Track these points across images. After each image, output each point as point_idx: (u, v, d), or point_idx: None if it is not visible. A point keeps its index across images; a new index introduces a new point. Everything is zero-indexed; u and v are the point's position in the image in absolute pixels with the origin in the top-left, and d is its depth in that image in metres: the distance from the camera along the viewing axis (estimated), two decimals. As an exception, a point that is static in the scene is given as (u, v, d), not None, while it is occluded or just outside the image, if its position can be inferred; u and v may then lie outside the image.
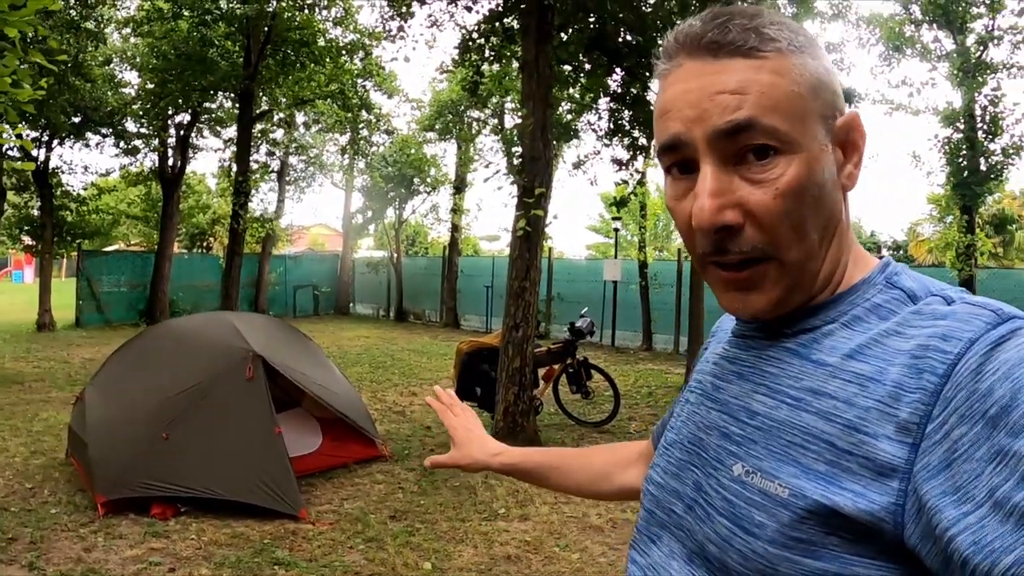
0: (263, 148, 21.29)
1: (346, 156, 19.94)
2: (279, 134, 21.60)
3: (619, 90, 11.75)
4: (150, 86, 15.19)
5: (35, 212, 18.36)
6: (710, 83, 0.76)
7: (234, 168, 17.07)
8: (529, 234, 7.40)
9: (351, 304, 25.38)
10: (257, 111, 14.86)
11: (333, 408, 6.59)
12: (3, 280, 41.98)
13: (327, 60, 14.29)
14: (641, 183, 13.55)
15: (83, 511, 5.63)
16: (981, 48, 13.22)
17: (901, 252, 32.43)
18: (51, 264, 18.01)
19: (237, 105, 15.69)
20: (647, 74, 11.18)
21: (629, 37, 9.95)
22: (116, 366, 6.60)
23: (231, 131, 20.14)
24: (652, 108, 0.82)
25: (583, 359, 8.83)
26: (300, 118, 21.01)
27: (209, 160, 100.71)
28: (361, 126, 17.24)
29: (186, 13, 13.51)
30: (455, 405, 1.46)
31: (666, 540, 0.88)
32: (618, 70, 10.85)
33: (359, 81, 15.91)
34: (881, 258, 0.84)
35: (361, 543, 5.07)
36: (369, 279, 24.63)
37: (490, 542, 5.14)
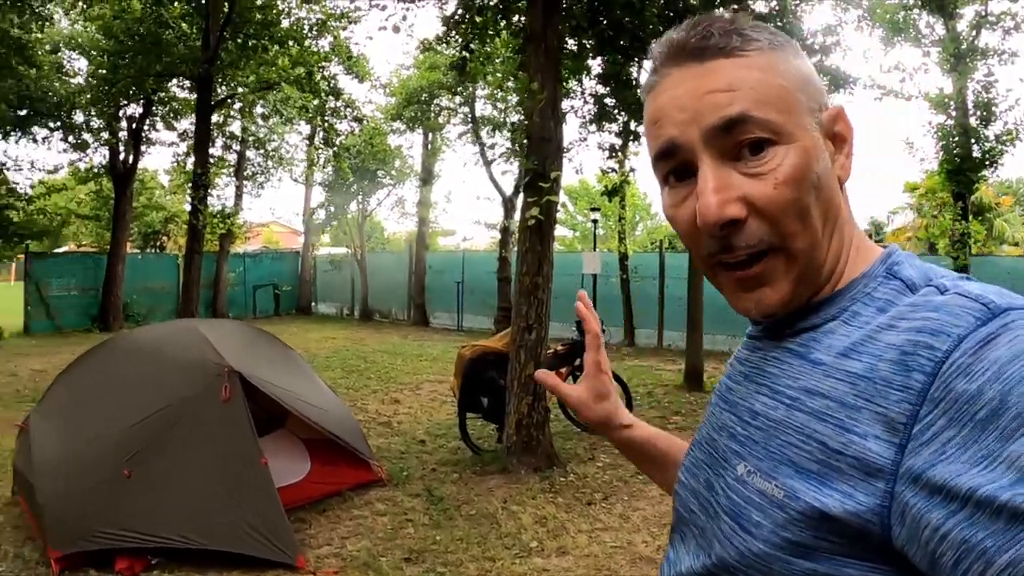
0: (219, 142, 20.06)
1: (309, 148, 18.77)
2: (236, 127, 20.36)
3: (602, 69, 10.97)
4: (101, 72, 13.91)
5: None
6: (700, 85, 0.78)
7: (191, 161, 15.94)
8: (541, 223, 6.53)
9: (313, 303, 24.27)
10: (216, 98, 13.63)
11: (323, 428, 5.70)
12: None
13: (291, 43, 13.14)
14: (632, 170, 12.91)
15: (33, 567, 4.67)
16: (973, 34, 12.88)
17: (873, 241, 32.25)
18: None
19: (194, 93, 14.48)
20: (641, 55, 10.45)
21: (625, 16, 9.19)
22: (66, 388, 5.61)
23: (186, 123, 18.97)
24: (640, 91, 0.80)
25: (591, 361, 8.02)
26: (258, 109, 19.81)
27: (162, 156, 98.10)
28: (328, 113, 16.03)
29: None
30: (603, 349, 1.19)
31: (688, 538, 0.89)
32: (603, 53, 10.09)
33: (326, 65, 14.70)
34: (884, 247, 0.83)
35: (378, 600, 4.19)
36: (332, 277, 23.54)
37: (533, 590, 4.30)
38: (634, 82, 11.46)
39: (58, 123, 16.75)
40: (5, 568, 4.69)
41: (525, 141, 6.57)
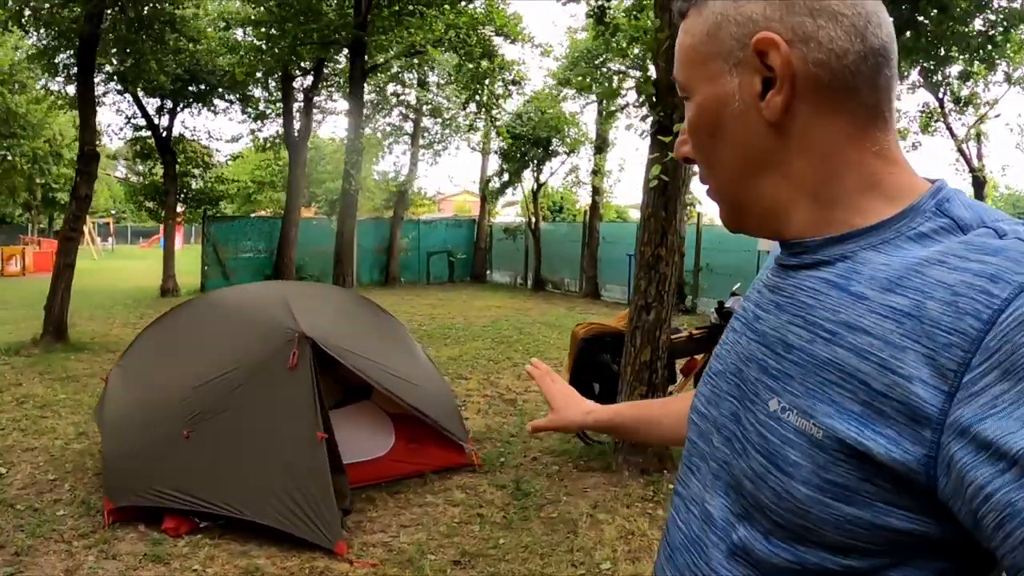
0: (395, 112, 20.25)
1: (478, 115, 18.36)
2: (412, 97, 20.45)
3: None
4: (256, 42, 14.19)
5: (160, 179, 18.11)
6: None
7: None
8: (666, 185, 5.59)
9: (488, 271, 24.21)
10: (369, 65, 13.43)
11: (405, 403, 5.24)
12: (153, 247, 43.53)
13: (445, 6, 12.67)
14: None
15: (92, 516, 4.68)
16: None
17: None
18: (174, 230, 17.76)
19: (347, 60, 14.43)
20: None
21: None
22: (145, 344, 5.55)
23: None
24: None
25: (732, 348, 7.05)
26: (433, 78, 19.73)
27: (342, 123, 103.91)
28: (481, 76, 15.36)
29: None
30: (552, 372, 1.46)
31: (704, 471, 0.87)
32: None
33: (480, 29, 14.00)
34: (933, 181, 0.79)
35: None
36: (506, 246, 23.32)
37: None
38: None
39: (235, 95, 17.48)
40: (69, 512, 4.74)
41: (653, 90, 5.67)
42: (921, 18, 8.90)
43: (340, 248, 12.44)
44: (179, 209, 20.53)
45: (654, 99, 5.74)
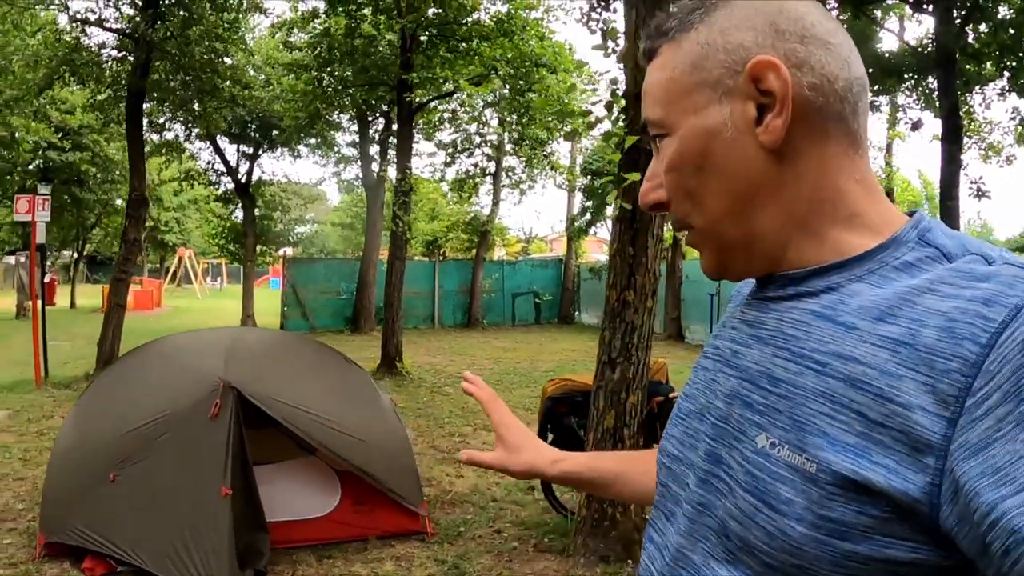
0: (478, 152, 20.30)
1: (533, 150, 18.02)
2: (494, 136, 20.42)
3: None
4: (305, 86, 14.44)
5: (239, 223, 18.83)
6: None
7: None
8: (633, 215, 4.80)
9: (576, 312, 23.74)
10: (415, 103, 13.33)
11: (349, 462, 5.00)
12: (262, 287, 45.23)
13: (491, 40, 12.42)
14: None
15: (31, 548, 4.77)
16: None
17: None
18: (253, 270, 18.26)
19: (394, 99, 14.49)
20: None
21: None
22: (102, 385, 5.66)
23: (445, 135, 19.40)
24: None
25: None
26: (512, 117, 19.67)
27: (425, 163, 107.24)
28: (518, 110, 14.86)
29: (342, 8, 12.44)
30: (499, 399, 1.19)
31: (679, 516, 0.83)
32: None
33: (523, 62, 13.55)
34: (912, 213, 0.78)
35: None
36: (593, 286, 22.86)
37: None
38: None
39: (314, 139, 17.91)
40: (14, 541, 4.95)
41: (623, 102, 4.95)
42: (998, 8, 7.85)
43: (388, 291, 12.41)
44: (286, 252, 21.20)
45: (625, 118, 5.07)
